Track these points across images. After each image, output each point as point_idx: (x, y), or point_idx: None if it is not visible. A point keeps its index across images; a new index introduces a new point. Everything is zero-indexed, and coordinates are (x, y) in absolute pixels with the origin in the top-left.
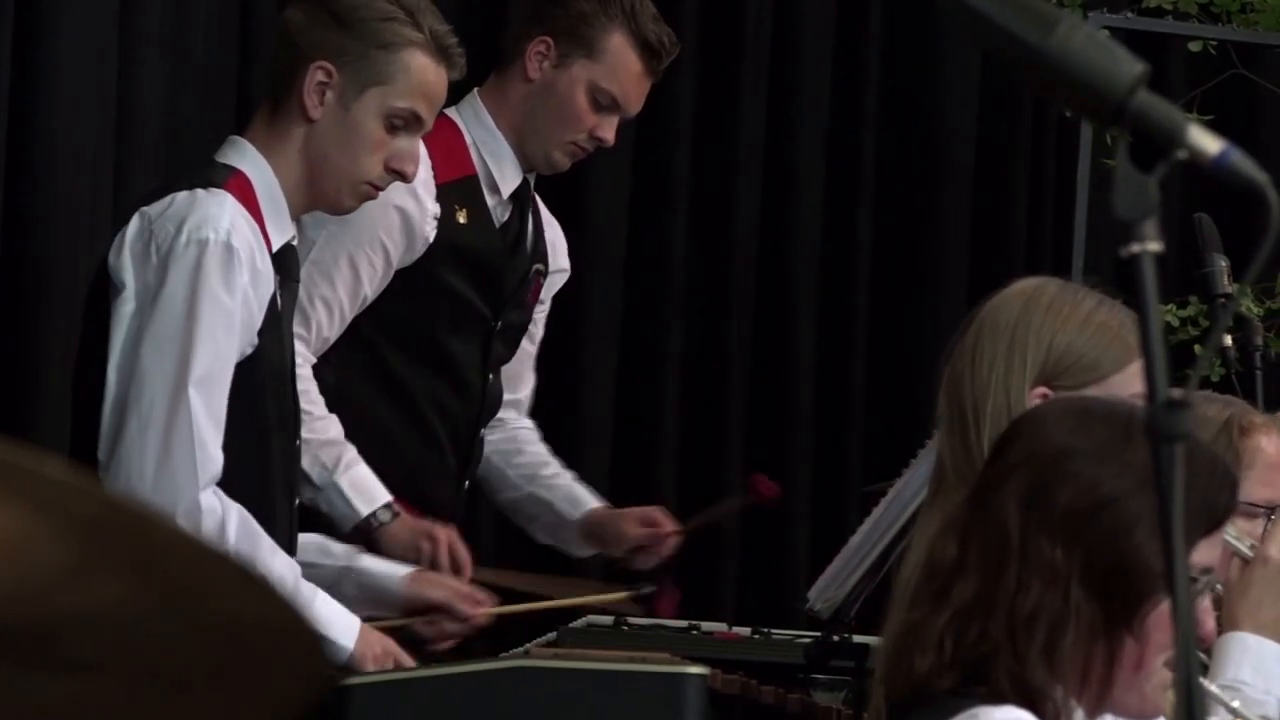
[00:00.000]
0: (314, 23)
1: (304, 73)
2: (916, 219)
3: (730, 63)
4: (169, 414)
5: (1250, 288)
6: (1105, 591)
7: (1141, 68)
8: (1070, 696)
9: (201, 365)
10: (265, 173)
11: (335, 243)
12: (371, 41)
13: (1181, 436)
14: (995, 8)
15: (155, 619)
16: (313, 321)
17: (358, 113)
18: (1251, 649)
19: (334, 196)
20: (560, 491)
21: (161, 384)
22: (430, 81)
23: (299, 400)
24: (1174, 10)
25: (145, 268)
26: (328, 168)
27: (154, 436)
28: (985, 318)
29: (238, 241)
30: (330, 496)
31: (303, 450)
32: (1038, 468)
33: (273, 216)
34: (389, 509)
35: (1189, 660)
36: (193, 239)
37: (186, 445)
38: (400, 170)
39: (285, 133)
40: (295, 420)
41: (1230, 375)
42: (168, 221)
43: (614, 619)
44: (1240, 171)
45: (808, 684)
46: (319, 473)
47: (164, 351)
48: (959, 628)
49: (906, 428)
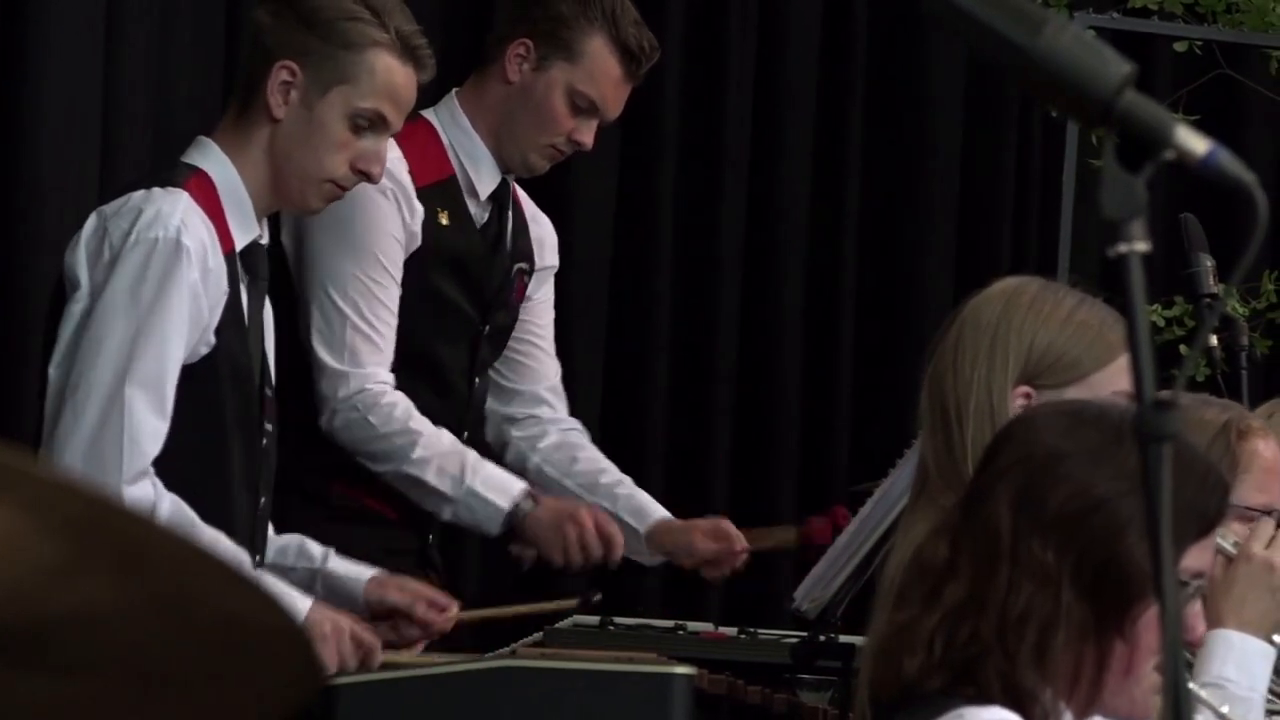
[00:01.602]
0: (280, 22)
1: (269, 72)
2: (902, 219)
3: (716, 63)
4: (103, 409)
5: (1236, 288)
6: (1096, 594)
7: (1128, 68)
8: (1059, 699)
9: (143, 362)
10: (229, 172)
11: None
12: (337, 41)
13: (1169, 436)
14: (982, 8)
15: (145, 618)
16: (379, 341)
17: (322, 112)
18: (1235, 646)
19: (299, 196)
20: (623, 502)
21: (98, 379)
22: (396, 83)
23: (387, 437)
24: (1159, 10)
25: (97, 266)
26: (292, 167)
27: (85, 429)
28: (967, 317)
29: (188, 239)
30: (470, 504)
31: (426, 468)
32: (1029, 470)
33: (236, 216)
34: (529, 497)
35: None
36: (142, 237)
37: (115, 440)
38: (366, 171)
39: (251, 132)
40: (257, 420)
41: (1216, 375)
42: (121, 219)
43: (599, 620)
44: (1227, 171)
45: (794, 684)
46: (450, 484)
47: (104, 347)
48: (949, 628)
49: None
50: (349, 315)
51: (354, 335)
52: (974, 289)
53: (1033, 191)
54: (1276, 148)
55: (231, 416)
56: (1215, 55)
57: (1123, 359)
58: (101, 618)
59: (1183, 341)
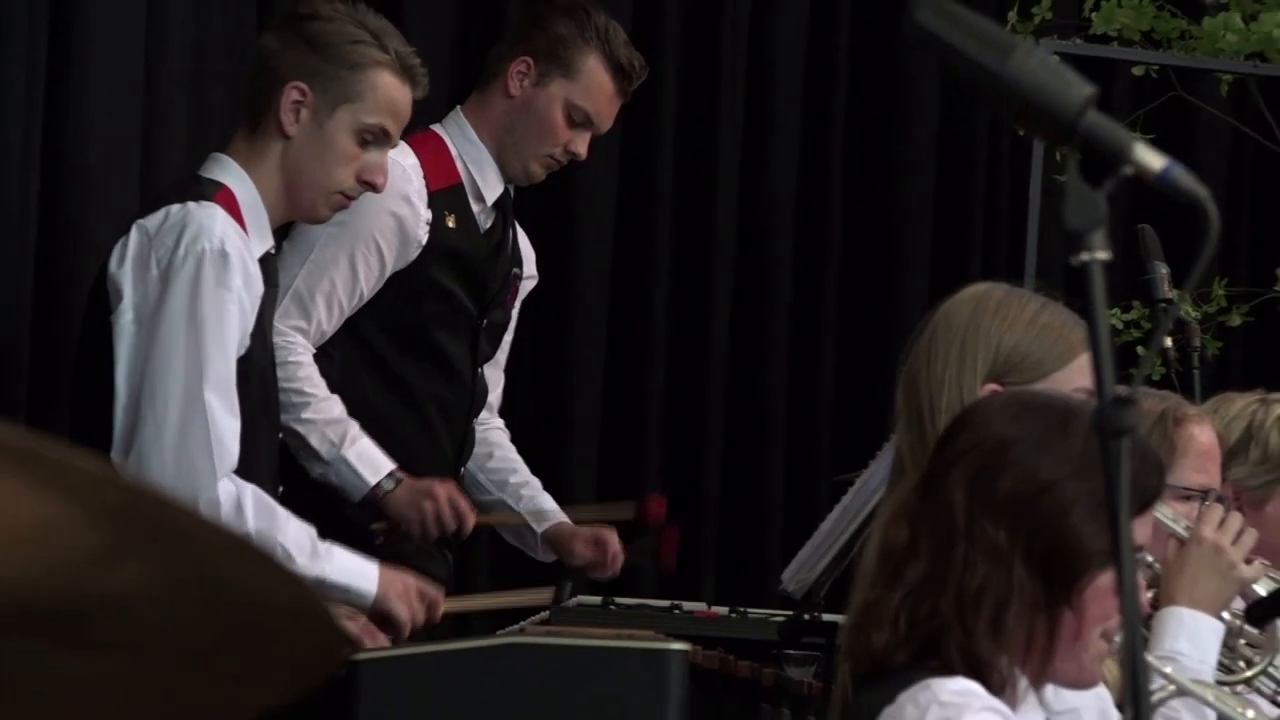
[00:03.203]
0: (288, 47)
1: (280, 93)
2: (882, 230)
3: (708, 88)
4: (183, 415)
5: (1189, 293)
6: (1045, 569)
7: (1090, 90)
8: (1015, 666)
9: (214, 367)
10: (247, 186)
11: (335, 243)
12: (342, 63)
13: (1128, 430)
14: (956, 35)
15: (178, 600)
16: (313, 316)
17: (330, 128)
18: (1187, 622)
19: (310, 207)
20: (525, 503)
21: (174, 387)
22: (396, 99)
23: (286, 393)
24: (1119, 37)
25: (145, 280)
26: (304, 180)
27: (170, 437)
28: (939, 321)
29: (230, 249)
30: (339, 469)
31: (311, 429)
32: (982, 456)
33: (254, 227)
34: (392, 477)
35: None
36: (190, 251)
37: (203, 442)
38: (371, 181)
39: (264, 149)
40: (276, 412)
41: (1170, 374)
42: (165, 236)
43: (602, 600)
44: (1182, 186)
45: (781, 659)
46: (328, 449)
47: (174, 357)
48: (912, 605)
49: (872, 424)
50: (299, 284)
51: (295, 298)
52: (946, 294)
53: (1001, 204)
54: (1227, 164)
55: (257, 413)
56: (1170, 79)
57: (1084, 358)
58: (138, 599)
59: (1140, 343)
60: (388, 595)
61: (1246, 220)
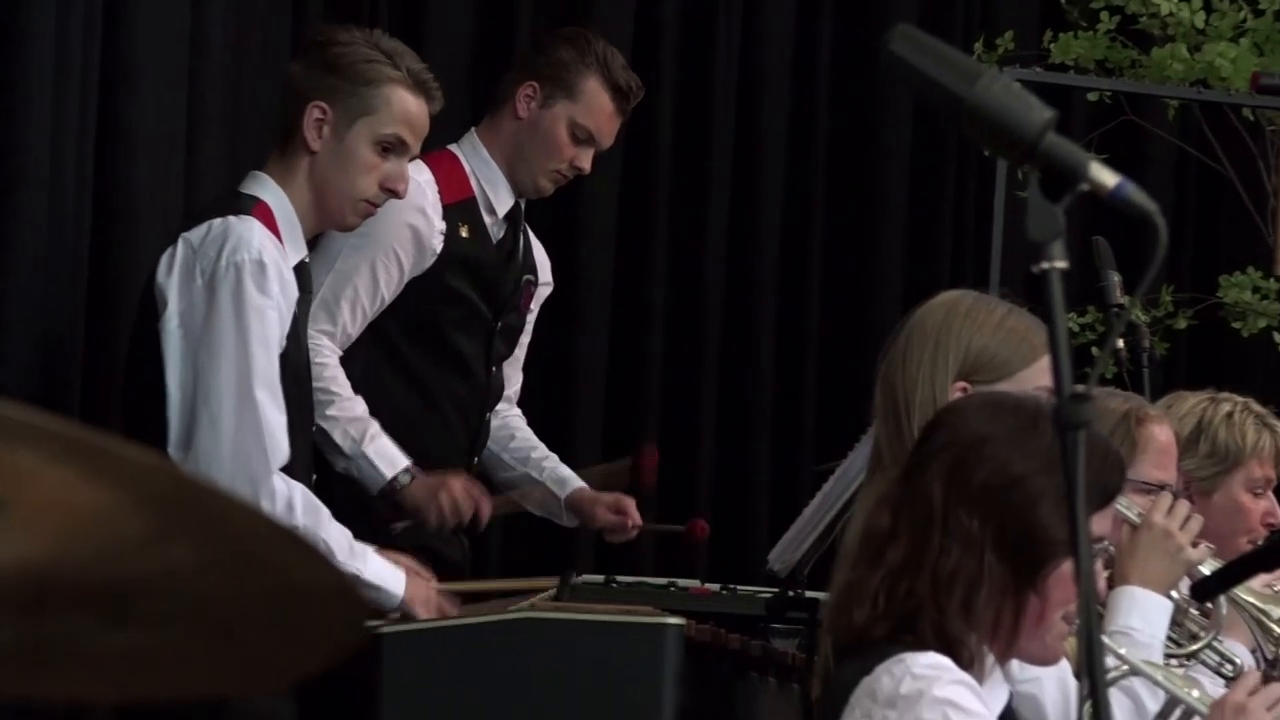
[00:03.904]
0: (310, 71)
1: (304, 112)
2: (860, 240)
3: (701, 110)
4: (236, 413)
5: (1139, 299)
6: (1014, 556)
7: (1049, 114)
8: (983, 644)
9: (260, 366)
10: (282, 200)
11: (358, 253)
12: (358, 80)
13: (1084, 424)
14: (928, 64)
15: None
16: (339, 320)
17: (351, 141)
18: (1139, 600)
19: (338, 215)
20: (548, 473)
21: (226, 388)
22: (410, 111)
23: (314, 391)
24: (1075, 66)
25: (190, 289)
26: (331, 190)
27: (226, 434)
28: (914, 324)
29: (267, 258)
30: (360, 464)
31: (334, 425)
32: (958, 451)
33: (289, 238)
34: (408, 472)
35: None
36: (231, 261)
37: (257, 437)
38: (393, 189)
39: (294, 165)
40: (310, 408)
41: (1122, 373)
42: (208, 247)
43: (604, 579)
44: (1134, 201)
45: (768, 632)
46: (350, 444)
47: (223, 360)
48: (891, 585)
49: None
50: (325, 291)
51: (321, 304)
52: (919, 300)
53: (969, 217)
54: (1174, 182)
55: (293, 409)
56: (1122, 104)
57: (1045, 359)
58: (180, 578)
59: (1095, 344)
60: (414, 600)
61: (1191, 233)
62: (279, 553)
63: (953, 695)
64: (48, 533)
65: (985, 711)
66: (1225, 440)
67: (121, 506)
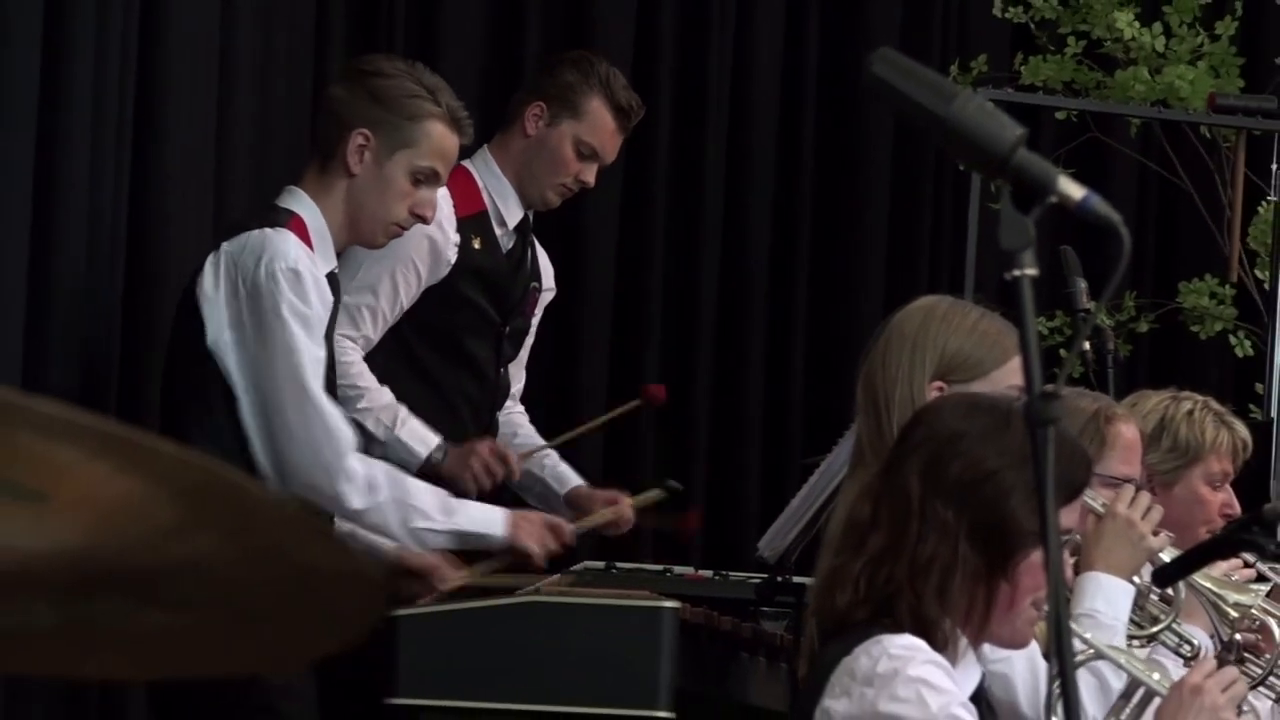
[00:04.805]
0: (354, 98)
1: (347, 138)
2: (845, 248)
3: (695, 129)
4: (302, 410)
5: (1104, 305)
6: (986, 546)
7: (1021, 131)
8: (957, 627)
9: (310, 366)
10: (316, 215)
11: (379, 264)
12: (401, 114)
13: (1053, 421)
14: (908, 84)
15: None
16: (361, 325)
17: (390, 170)
18: (1104, 585)
19: (369, 235)
20: (549, 470)
21: (285, 388)
22: (446, 146)
23: (343, 389)
24: (1044, 87)
25: (236, 299)
26: (365, 212)
27: (295, 432)
28: (893, 327)
29: (303, 268)
30: (395, 448)
31: (367, 415)
32: (935, 447)
33: (321, 250)
34: (440, 449)
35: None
36: (269, 270)
37: (322, 427)
38: (422, 215)
39: (331, 184)
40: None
41: (1088, 373)
42: (247, 258)
43: (605, 564)
44: (1099, 213)
45: (758, 615)
46: (383, 431)
47: (277, 362)
48: (871, 572)
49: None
50: (348, 299)
51: (345, 310)
52: (899, 305)
53: (946, 228)
54: (1137, 194)
55: None
56: (1088, 122)
57: (1016, 360)
58: (208, 565)
59: (1063, 347)
60: (517, 535)
61: (1153, 242)
62: (304, 541)
63: (925, 674)
64: (85, 523)
65: (956, 690)
66: (1186, 436)
67: (154, 498)
